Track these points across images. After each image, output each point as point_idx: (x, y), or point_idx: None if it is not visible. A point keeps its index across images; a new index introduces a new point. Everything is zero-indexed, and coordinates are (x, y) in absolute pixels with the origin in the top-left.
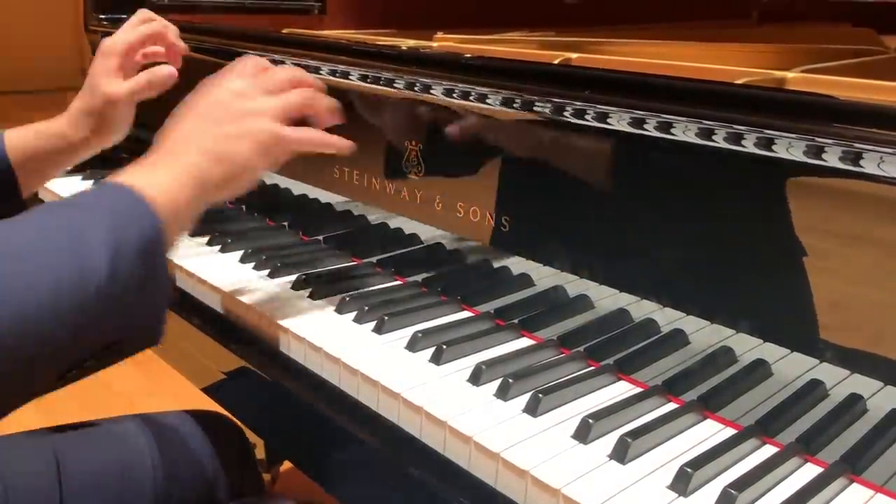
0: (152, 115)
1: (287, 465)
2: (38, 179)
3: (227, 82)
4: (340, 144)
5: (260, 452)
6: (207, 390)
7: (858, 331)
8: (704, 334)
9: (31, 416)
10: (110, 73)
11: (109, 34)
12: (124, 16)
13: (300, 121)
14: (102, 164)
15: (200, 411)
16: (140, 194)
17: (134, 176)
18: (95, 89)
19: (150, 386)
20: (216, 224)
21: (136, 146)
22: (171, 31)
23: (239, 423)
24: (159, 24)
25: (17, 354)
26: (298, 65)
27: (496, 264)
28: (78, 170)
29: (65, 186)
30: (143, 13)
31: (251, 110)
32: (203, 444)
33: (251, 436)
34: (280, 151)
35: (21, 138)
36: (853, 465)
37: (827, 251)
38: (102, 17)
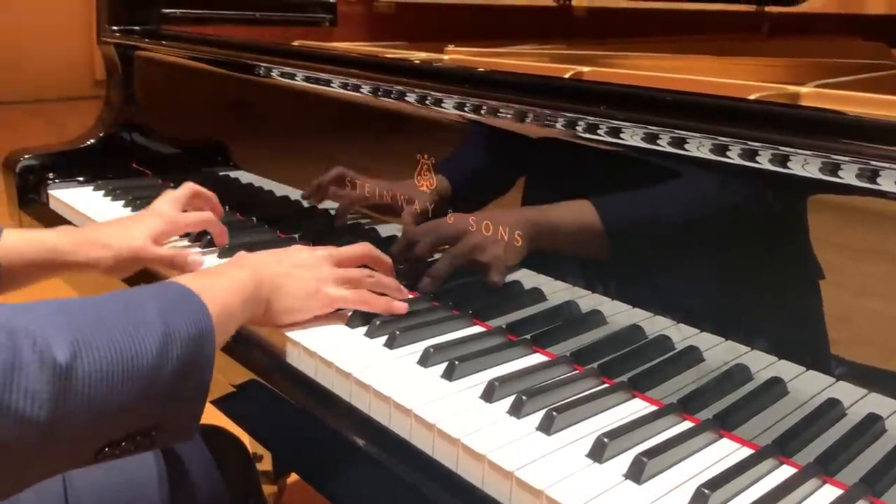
0: (155, 119)
1: (294, 476)
2: (19, 284)
3: (308, 248)
4: (385, 306)
5: (266, 464)
6: (215, 402)
7: (875, 349)
8: (719, 351)
9: None
10: (150, 234)
11: (122, 46)
12: (137, 28)
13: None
14: (114, 175)
15: (205, 426)
16: (193, 292)
17: (188, 280)
18: (129, 239)
19: None
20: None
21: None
22: (218, 219)
23: (245, 435)
24: (209, 213)
25: (80, 406)
26: (310, 77)
27: (508, 279)
28: (89, 181)
29: (77, 197)
30: (192, 188)
31: (316, 267)
32: (208, 460)
33: (258, 448)
34: (320, 302)
35: (14, 242)
36: (873, 487)
37: (843, 268)
38: (115, 29)
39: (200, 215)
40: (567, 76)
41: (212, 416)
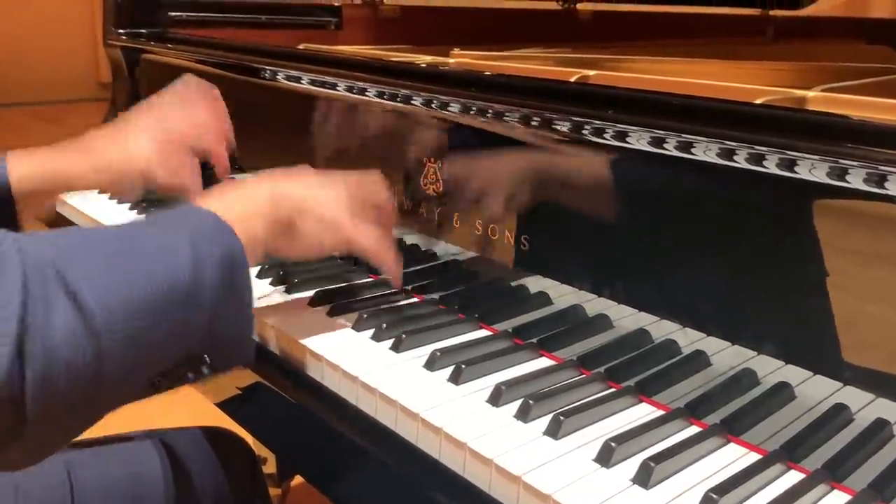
0: None
1: (298, 479)
2: (36, 207)
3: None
4: (394, 272)
5: (271, 467)
6: (220, 405)
7: (883, 353)
8: (726, 356)
9: None
10: (153, 149)
11: (128, 49)
12: (143, 31)
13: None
14: None
15: (211, 428)
16: (217, 215)
17: (210, 202)
18: (130, 154)
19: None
20: None
21: None
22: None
23: (251, 437)
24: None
25: (124, 351)
26: (315, 81)
27: (514, 282)
28: None
29: (84, 201)
30: (197, 84)
31: (336, 197)
32: (213, 462)
33: (262, 450)
34: (341, 235)
35: (26, 165)
36: (881, 493)
37: (850, 272)
38: (121, 31)
39: (211, 141)
40: (573, 80)
41: (216, 418)
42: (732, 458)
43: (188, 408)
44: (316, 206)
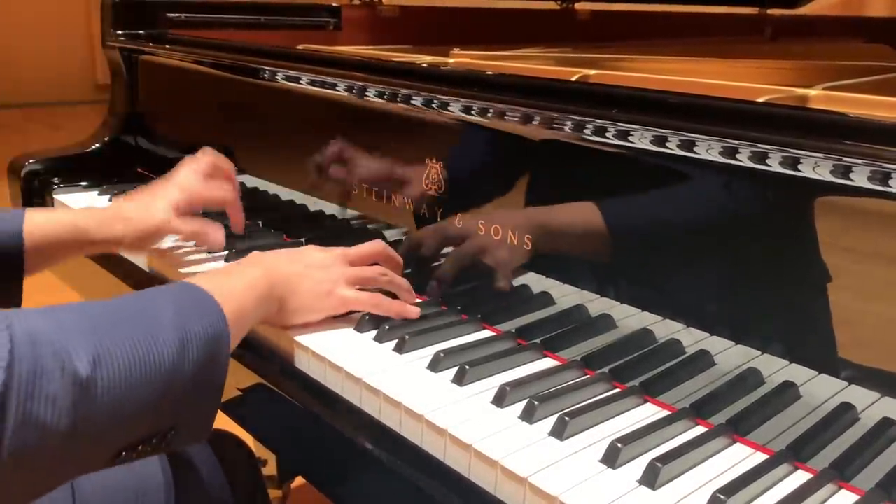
0: (160, 123)
1: (299, 481)
2: (45, 264)
3: (322, 249)
4: (399, 310)
5: (271, 468)
6: (221, 406)
7: (888, 352)
8: (730, 355)
9: None
10: (171, 207)
11: (127, 50)
12: (142, 32)
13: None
14: (119, 180)
15: (213, 430)
16: (207, 293)
17: (202, 280)
18: (148, 213)
19: None
20: (233, 241)
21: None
22: (237, 196)
23: (251, 438)
24: (232, 193)
25: (101, 422)
26: (315, 81)
27: (516, 283)
28: (94, 186)
29: (82, 202)
30: (213, 157)
31: (330, 267)
32: (213, 464)
33: (263, 452)
34: (334, 303)
35: (41, 222)
36: (889, 493)
37: (854, 271)
38: (120, 33)
39: (224, 192)
40: (573, 79)
41: (217, 419)
42: (739, 458)
43: None
44: (306, 283)
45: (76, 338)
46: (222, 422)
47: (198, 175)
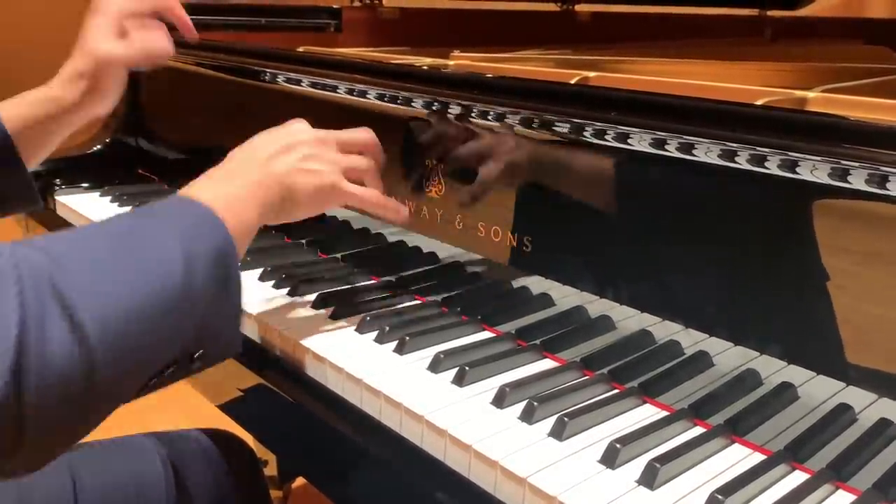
0: (160, 125)
1: (300, 481)
2: (39, 149)
3: (311, 129)
4: (395, 210)
5: (272, 469)
6: (222, 407)
7: (885, 354)
8: (729, 356)
9: None
10: (105, 33)
11: None
12: None
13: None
14: (120, 181)
15: (213, 430)
16: (208, 208)
17: (202, 190)
18: (88, 50)
19: (162, 401)
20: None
21: (149, 159)
22: (179, 7)
23: (252, 439)
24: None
25: (118, 361)
26: (316, 84)
27: (515, 284)
28: (95, 187)
29: (83, 203)
30: None
31: (324, 156)
32: (214, 464)
33: (264, 452)
34: (335, 200)
35: (15, 107)
36: (885, 493)
37: (852, 273)
38: None
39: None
40: (573, 81)
41: (218, 419)
42: (737, 458)
43: (189, 410)
44: (305, 180)
45: (78, 279)
46: (223, 422)
47: None
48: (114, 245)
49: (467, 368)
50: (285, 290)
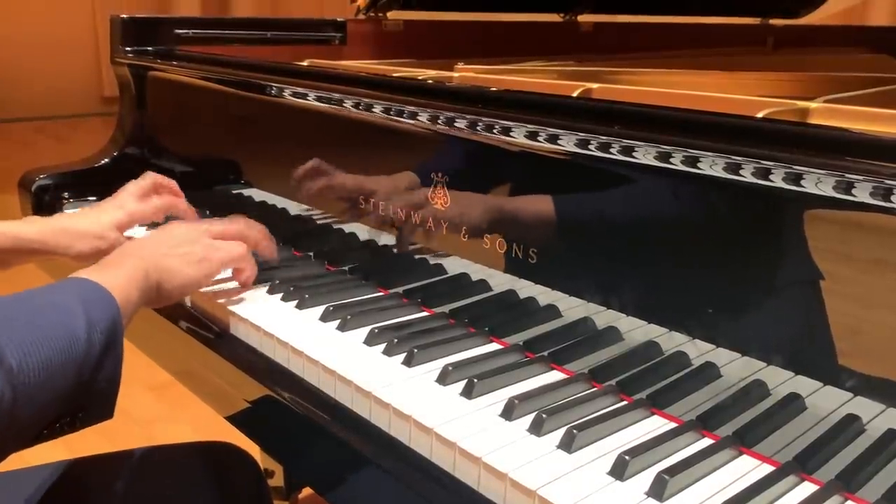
0: (167, 138)
1: (306, 492)
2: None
3: (187, 226)
4: (268, 249)
5: (278, 480)
6: (229, 418)
7: (893, 364)
8: (736, 367)
9: (51, 447)
10: (118, 227)
11: (135, 66)
12: (150, 48)
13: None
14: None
15: (215, 443)
16: (102, 286)
17: (92, 274)
18: (100, 227)
19: (169, 413)
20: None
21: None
22: (182, 201)
23: (258, 449)
24: (171, 198)
25: (32, 396)
26: (321, 97)
27: (522, 295)
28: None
29: None
30: (153, 179)
31: (193, 240)
32: (217, 476)
33: (271, 463)
34: (209, 268)
35: None
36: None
37: (858, 283)
38: (128, 49)
39: (163, 201)
40: (576, 94)
41: (225, 431)
42: (745, 469)
43: (196, 422)
44: (180, 263)
45: (5, 328)
46: (230, 433)
47: (139, 194)
48: (30, 303)
49: (476, 381)
50: (293, 303)
